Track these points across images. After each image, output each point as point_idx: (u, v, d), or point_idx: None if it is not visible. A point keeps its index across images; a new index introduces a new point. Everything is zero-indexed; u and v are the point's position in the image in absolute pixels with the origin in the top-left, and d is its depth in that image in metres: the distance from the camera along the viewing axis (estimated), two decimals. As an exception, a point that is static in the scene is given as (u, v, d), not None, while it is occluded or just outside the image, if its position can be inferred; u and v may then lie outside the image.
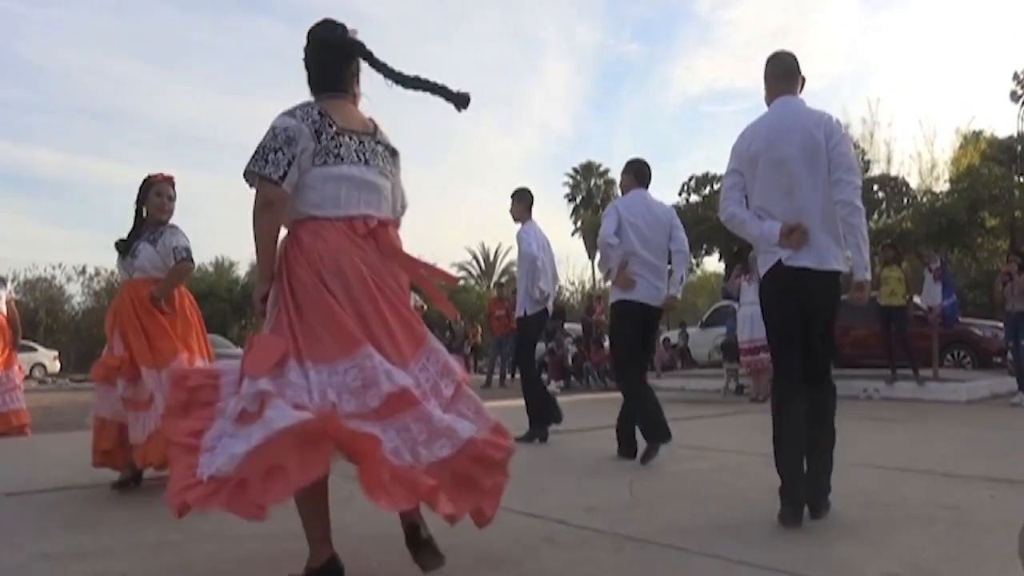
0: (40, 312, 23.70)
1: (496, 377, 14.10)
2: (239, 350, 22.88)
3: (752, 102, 54.49)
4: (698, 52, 66.51)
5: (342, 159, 2.34)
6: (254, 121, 60.28)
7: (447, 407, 2.35)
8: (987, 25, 50.17)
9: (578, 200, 44.93)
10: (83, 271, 30.56)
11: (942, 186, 19.21)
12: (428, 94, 2.50)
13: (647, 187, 4.96)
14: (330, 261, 2.26)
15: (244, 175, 2.32)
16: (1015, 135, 21.56)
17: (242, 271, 37.26)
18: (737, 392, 10.62)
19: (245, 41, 62.82)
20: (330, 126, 2.34)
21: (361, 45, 2.49)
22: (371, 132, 2.49)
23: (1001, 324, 10.30)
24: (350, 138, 2.39)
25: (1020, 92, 23.17)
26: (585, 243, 38.45)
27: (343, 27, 2.50)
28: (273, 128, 2.30)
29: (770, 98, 3.24)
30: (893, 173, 19.78)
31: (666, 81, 69.22)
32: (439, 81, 2.49)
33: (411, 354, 2.32)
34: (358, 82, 2.54)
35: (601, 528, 3.03)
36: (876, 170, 19.73)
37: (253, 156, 2.28)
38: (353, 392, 2.21)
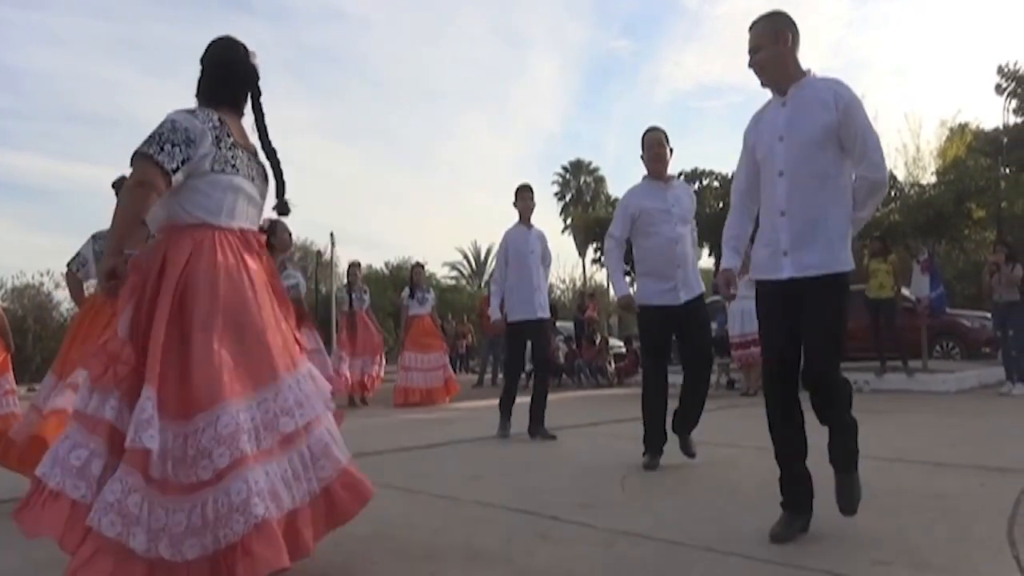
0: (28, 319, 23.48)
1: (488, 376, 14.10)
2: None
3: (742, 96, 54.72)
4: (687, 47, 66.76)
5: (237, 170, 2.36)
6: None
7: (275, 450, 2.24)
8: (971, 19, 50.48)
9: (568, 198, 45.04)
10: (71, 277, 30.37)
11: (929, 178, 19.34)
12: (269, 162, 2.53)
13: None
14: (223, 280, 2.23)
15: (133, 156, 2.23)
16: (1001, 127, 21.77)
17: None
18: (728, 387, 10.66)
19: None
20: (228, 136, 2.36)
21: (257, 77, 2.54)
22: (255, 153, 2.51)
23: (989, 315, 10.37)
24: (244, 153, 2.42)
25: (1005, 85, 23.34)
26: (575, 241, 38.52)
27: (246, 49, 2.54)
28: (173, 122, 2.26)
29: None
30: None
31: (655, 77, 69.43)
32: (284, 174, 2.54)
33: (253, 386, 2.24)
34: (246, 104, 2.55)
35: (593, 524, 3.03)
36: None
37: (147, 140, 2.22)
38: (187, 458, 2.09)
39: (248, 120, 2.55)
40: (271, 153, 2.52)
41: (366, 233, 62.09)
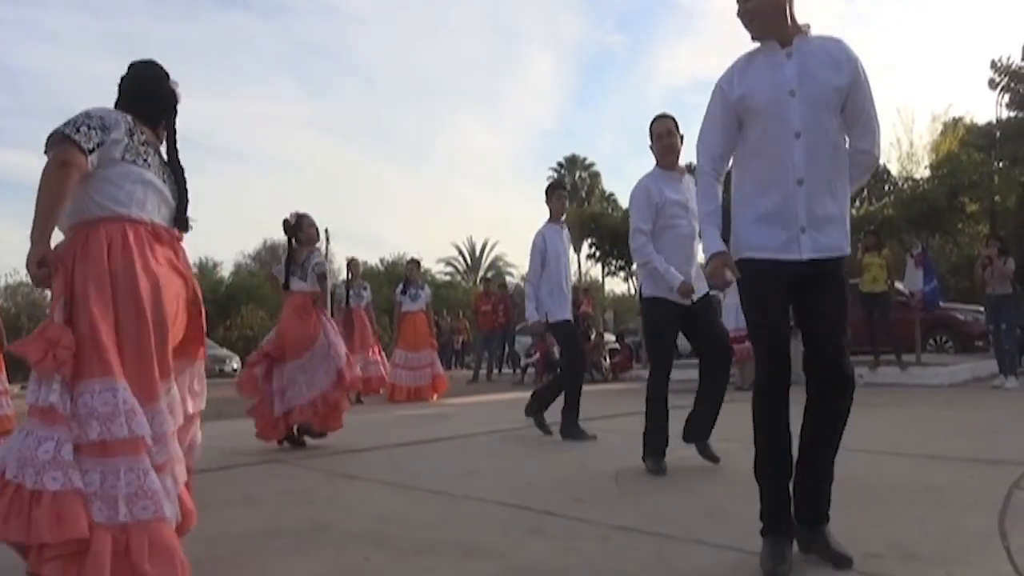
0: (22, 317, 23.44)
1: (483, 372, 14.10)
2: (225, 351, 22.72)
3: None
4: (681, 42, 66.83)
5: (149, 165, 2.38)
6: (232, 119, 59.91)
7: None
8: (963, 14, 50.57)
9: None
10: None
11: (922, 172, 19.39)
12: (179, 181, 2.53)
13: None
14: (126, 274, 2.22)
15: (49, 138, 2.24)
16: (994, 121, 21.80)
17: (226, 271, 37.11)
18: (723, 381, 10.67)
19: (220, 37, 62.45)
20: (141, 134, 2.40)
21: (175, 99, 2.57)
22: (167, 163, 2.52)
23: (982, 308, 10.41)
24: (156, 155, 2.44)
25: (998, 80, 23.36)
26: (571, 236, 38.49)
27: (167, 73, 2.58)
28: (87, 112, 2.30)
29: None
30: (874, 160, 19.90)
31: (649, 72, 69.48)
32: (189, 193, 2.54)
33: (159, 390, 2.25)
34: (163, 128, 2.56)
35: (587, 518, 3.04)
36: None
37: (65, 123, 2.24)
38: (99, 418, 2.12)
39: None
40: (178, 170, 2.53)
41: (361, 230, 62.08)
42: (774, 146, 2.40)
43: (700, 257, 3.98)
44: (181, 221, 2.52)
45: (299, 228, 5.46)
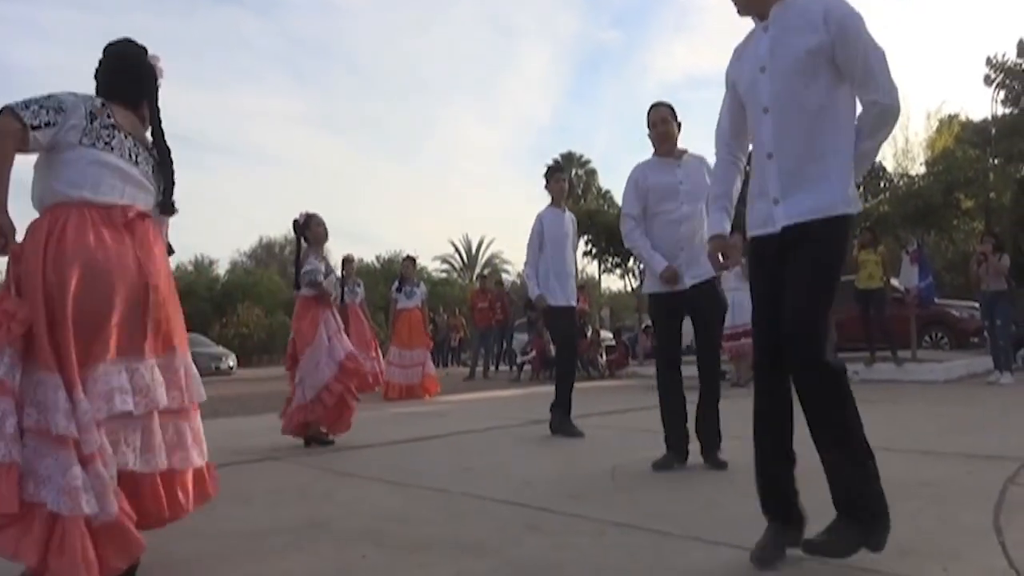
0: (17, 315, 23.48)
1: (479, 369, 14.10)
2: (221, 349, 22.68)
3: (730, 90, 54.55)
4: (676, 38, 66.79)
5: (111, 148, 2.35)
6: (227, 115, 59.78)
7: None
8: (959, 11, 50.63)
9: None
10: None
11: (918, 169, 19.45)
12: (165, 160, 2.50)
13: None
14: (66, 263, 2.18)
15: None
16: (989, 118, 21.86)
17: (222, 269, 37.05)
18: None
19: (215, 33, 62.29)
20: (108, 117, 2.37)
21: (153, 75, 2.54)
22: (148, 144, 2.49)
23: (977, 305, 10.44)
24: (125, 136, 2.40)
25: (994, 76, 23.42)
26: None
27: (145, 50, 2.56)
28: (51, 93, 2.31)
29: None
30: (870, 157, 19.97)
31: (644, 68, 69.46)
32: (175, 175, 2.50)
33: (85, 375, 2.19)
34: (146, 107, 2.54)
35: (584, 514, 3.04)
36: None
37: (18, 101, 2.25)
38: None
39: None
40: (163, 152, 2.50)
41: (358, 227, 62.00)
42: (752, 124, 2.46)
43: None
44: (166, 204, 2.48)
45: (307, 228, 5.55)
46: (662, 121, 4.20)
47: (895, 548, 2.45)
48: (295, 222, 5.57)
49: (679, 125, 4.25)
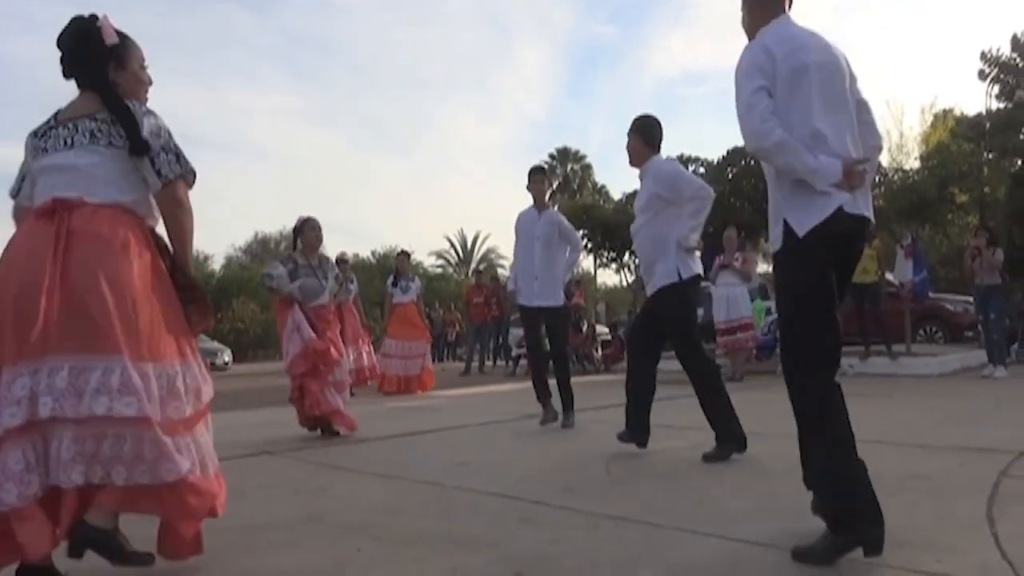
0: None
1: (475, 364, 14.11)
2: (216, 344, 22.62)
3: (727, 82, 54.57)
4: (673, 33, 66.70)
5: (47, 151, 2.39)
6: (221, 111, 59.54)
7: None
8: (953, 6, 50.70)
9: (555, 185, 44.90)
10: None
11: (912, 163, 19.48)
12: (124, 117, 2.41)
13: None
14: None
15: None
16: (983, 112, 21.90)
17: (217, 264, 36.98)
18: (715, 372, 10.71)
19: (211, 29, 62.02)
20: (51, 120, 2.44)
21: (94, 41, 2.49)
22: (90, 113, 2.38)
23: (971, 298, 10.47)
24: (64, 127, 2.39)
25: (988, 71, 23.46)
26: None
27: (80, 24, 2.54)
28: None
29: (762, 23, 2.56)
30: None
31: (641, 64, 69.44)
32: (135, 116, 2.39)
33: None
34: (114, 69, 2.50)
35: (578, 508, 3.04)
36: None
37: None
38: None
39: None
40: (115, 107, 2.39)
41: (353, 222, 61.91)
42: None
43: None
44: (136, 145, 2.35)
45: (300, 232, 5.59)
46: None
47: (889, 540, 2.45)
48: (295, 226, 5.70)
49: (644, 140, 4.38)
